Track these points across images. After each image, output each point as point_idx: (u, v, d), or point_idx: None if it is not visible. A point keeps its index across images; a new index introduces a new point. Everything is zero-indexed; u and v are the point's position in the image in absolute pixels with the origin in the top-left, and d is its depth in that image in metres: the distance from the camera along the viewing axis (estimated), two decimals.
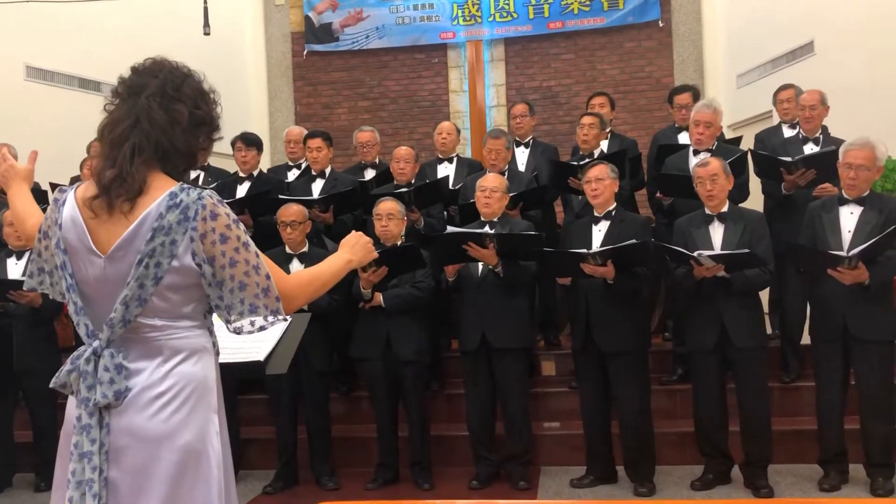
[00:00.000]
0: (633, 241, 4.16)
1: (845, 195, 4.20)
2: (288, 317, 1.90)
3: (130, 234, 1.72)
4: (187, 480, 1.74)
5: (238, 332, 1.83)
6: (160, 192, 1.74)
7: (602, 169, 4.45)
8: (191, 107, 1.80)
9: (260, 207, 5.25)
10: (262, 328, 1.84)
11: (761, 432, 4.24)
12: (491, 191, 4.58)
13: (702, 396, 4.34)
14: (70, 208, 1.80)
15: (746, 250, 4.07)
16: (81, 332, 1.79)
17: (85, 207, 1.77)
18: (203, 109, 1.84)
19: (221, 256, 1.75)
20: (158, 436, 1.72)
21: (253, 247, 1.80)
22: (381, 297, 4.55)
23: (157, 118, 1.76)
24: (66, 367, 1.77)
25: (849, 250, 4.01)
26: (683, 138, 5.44)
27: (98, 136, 1.82)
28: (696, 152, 5.01)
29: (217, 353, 1.89)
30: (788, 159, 4.78)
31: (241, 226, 1.80)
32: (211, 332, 1.87)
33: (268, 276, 1.80)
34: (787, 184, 4.82)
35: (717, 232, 4.28)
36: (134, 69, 1.83)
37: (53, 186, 5.34)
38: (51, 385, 1.80)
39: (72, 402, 1.78)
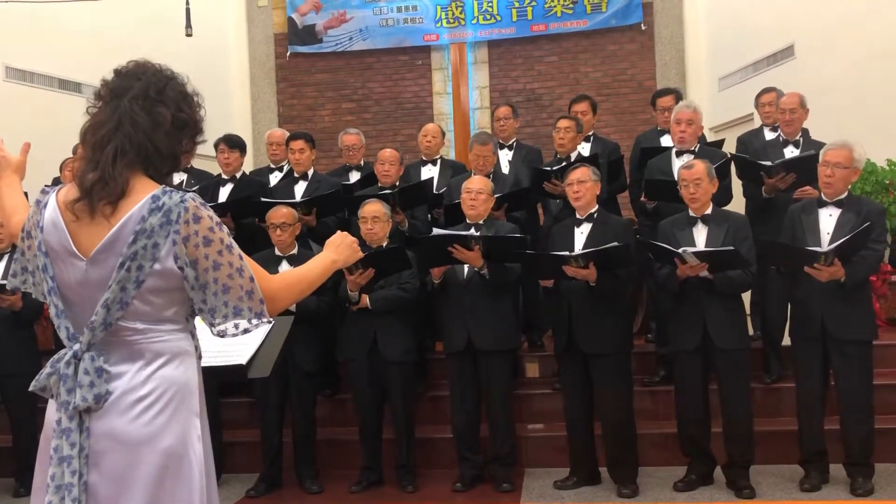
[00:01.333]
0: (615, 243, 4.17)
1: (823, 196, 4.24)
2: (272, 319, 1.89)
3: (112, 237, 1.71)
4: (168, 484, 1.72)
5: (222, 335, 1.81)
6: (142, 195, 1.73)
7: (584, 171, 4.46)
8: (174, 110, 1.79)
9: (242, 210, 5.22)
10: (246, 331, 1.82)
11: (743, 433, 4.27)
12: (477, 192, 4.59)
13: (684, 398, 4.37)
14: (52, 211, 1.78)
15: (731, 248, 4.09)
16: (62, 335, 1.77)
17: (66, 210, 1.75)
18: (186, 112, 1.83)
19: (205, 259, 1.74)
20: (139, 439, 1.70)
21: (237, 249, 1.79)
22: (368, 299, 4.54)
23: (140, 121, 1.75)
24: (46, 370, 1.76)
25: None
26: (666, 141, 5.47)
27: (80, 139, 1.81)
28: (678, 154, 5.04)
29: (199, 357, 1.88)
30: (769, 163, 4.81)
31: (225, 228, 1.79)
32: (193, 336, 1.86)
33: (252, 279, 1.79)
34: (767, 187, 4.85)
35: (700, 234, 4.30)
36: (117, 72, 1.82)
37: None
38: (30, 388, 1.78)
39: (52, 406, 1.76)
